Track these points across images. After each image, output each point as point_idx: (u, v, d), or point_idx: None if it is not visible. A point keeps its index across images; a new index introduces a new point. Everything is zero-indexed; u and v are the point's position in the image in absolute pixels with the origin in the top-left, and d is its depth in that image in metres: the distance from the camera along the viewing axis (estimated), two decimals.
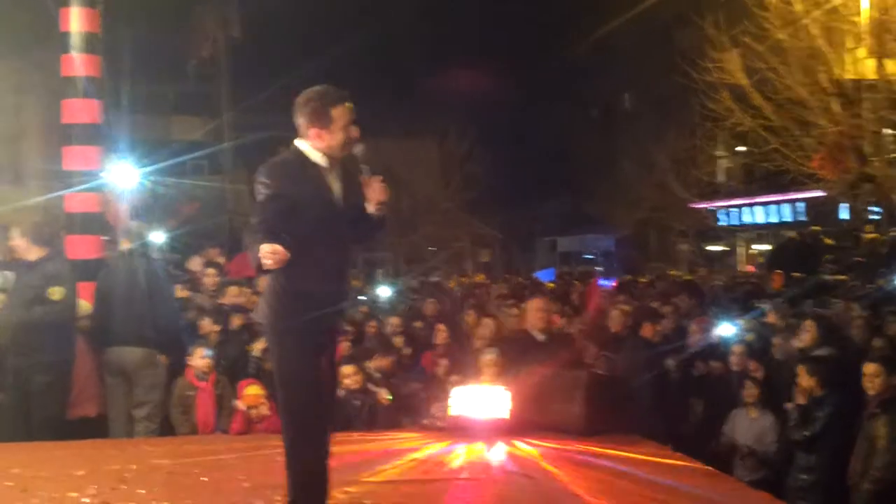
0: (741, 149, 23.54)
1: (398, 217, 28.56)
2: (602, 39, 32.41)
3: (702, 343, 8.15)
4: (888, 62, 17.25)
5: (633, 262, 31.09)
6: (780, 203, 28.00)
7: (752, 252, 31.10)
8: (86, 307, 7.17)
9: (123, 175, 9.62)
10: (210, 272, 8.82)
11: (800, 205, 26.57)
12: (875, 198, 16.86)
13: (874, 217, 17.38)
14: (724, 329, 8.19)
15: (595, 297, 10.17)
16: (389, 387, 7.37)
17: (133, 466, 5.74)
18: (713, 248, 33.01)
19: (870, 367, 6.05)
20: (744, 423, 7.07)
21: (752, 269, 23.58)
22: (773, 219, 28.89)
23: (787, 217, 27.73)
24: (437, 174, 34.97)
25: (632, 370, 7.54)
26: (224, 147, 24.75)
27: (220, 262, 9.47)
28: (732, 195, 29.51)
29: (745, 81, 18.81)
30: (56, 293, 6.56)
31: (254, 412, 6.95)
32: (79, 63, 7.64)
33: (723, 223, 30.69)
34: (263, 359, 7.13)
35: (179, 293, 8.32)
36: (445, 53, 37.73)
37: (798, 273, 12.83)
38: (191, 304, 8.34)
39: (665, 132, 28.77)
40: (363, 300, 10.50)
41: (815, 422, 6.32)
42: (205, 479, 5.51)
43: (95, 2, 7.74)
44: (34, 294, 6.58)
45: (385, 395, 7.19)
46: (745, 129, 19.57)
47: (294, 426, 4.14)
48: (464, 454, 6.24)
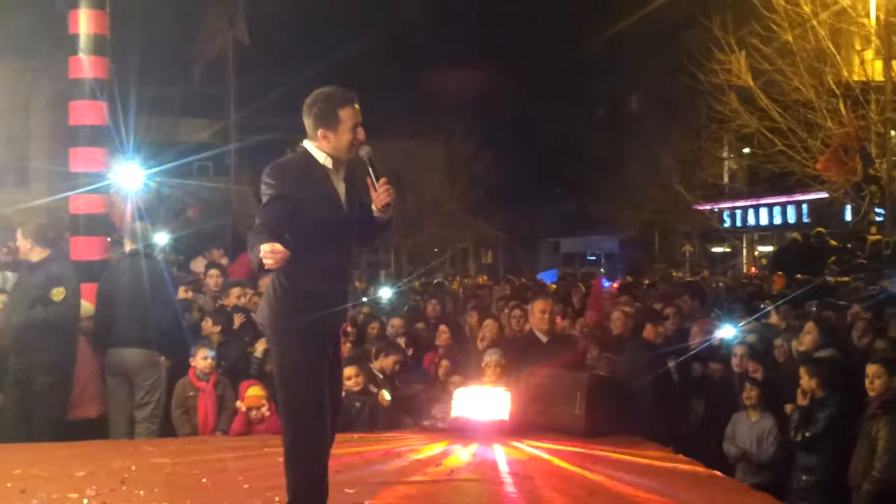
0: (746, 150, 23.49)
1: (403, 218, 28.56)
2: (609, 40, 32.44)
3: (703, 344, 8.13)
4: None
5: (638, 264, 31.03)
6: (785, 205, 27.96)
7: (757, 254, 31.05)
8: (88, 308, 7.19)
9: (129, 176, 9.61)
10: (213, 273, 8.84)
11: (804, 207, 26.53)
12: (879, 199, 16.82)
13: (878, 219, 17.33)
14: (726, 331, 8.17)
15: (597, 298, 10.14)
16: (393, 387, 7.38)
17: (133, 467, 5.75)
18: (717, 250, 32.97)
19: (871, 369, 6.04)
20: (744, 426, 7.06)
21: (755, 271, 23.51)
22: (778, 220, 28.85)
23: (792, 219, 27.68)
24: (443, 175, 34.91)
25: (633, 372, 7.52)
26: (230, 149, 24.79)
27: (223, 264, 9.49)
28: (737, 197, 29.45)
29: (752, 83, 18.80)
30: (58, 294, 6.58)
31: (254, 413, 6.96)
32: (86, 65, 7.63)
33: (727, 225, 30.63)
34: (265, 360, 7.14)
35: (182, 294, 8.34)
36: (451, 54, 37.73)
37: (802, 275, 12.77)
38: (194, 305, 8.36)
39: (671, 133, 28.73)
40: (365, 301, 10.50)
41: (817, 423, 6.31)
42: (205, 481, 5.51)
43: (104, 4, 7.76)
44: (36, 295, 6.61)
45: (385, 396, 7.19)
46: (751, 131, 19.56)
47: (294, 426, 4.14)
48: (464, 455, 6.24)
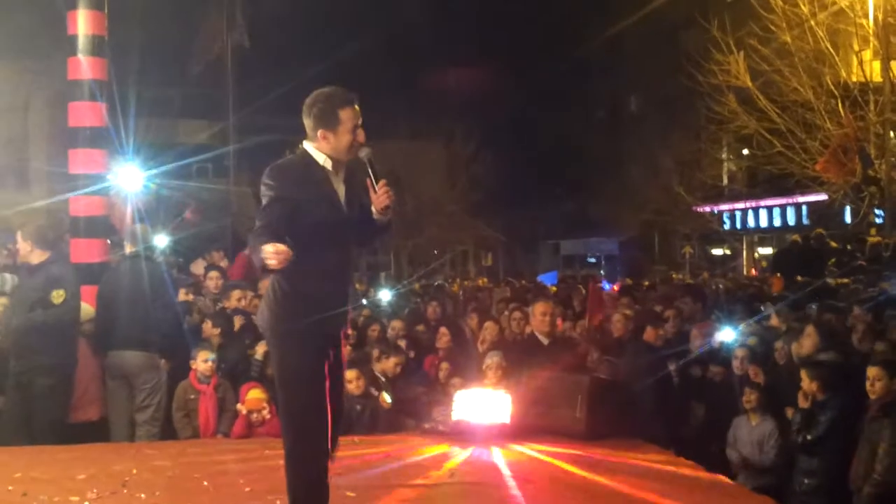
0: (746, 152, 23.50)
1: (403, 220, 28.55)
2: (608, 42, 32.45)
3: (703, 347, 8.12)
4: (894, 64, 17.23)
5: (638, 266, 31.02)
6: (785, 206, 27.97)
7: (757, 255, 31.05)
8: (89, 311, 7.19)
9: (129, 178, 9.61)
10: (213, 275, 8.83)
11: (804, 208, 26.54)
12: (879, 201, 16.82)
13: (878, 220, 17.33)
14: (726, 333, 8.16)
15: (596, 300, 10.14)
16: (395, 390, 7.37)
17: (134, 470, 5.75)
18: (717, 252, 32.97)
19: (872, 371, 6.03)
20: (745, 430, 7.06)
21: (755, 273, 23.51)
22: (778, 222, 28.85)
23: (792, 220, 27.69)
24: (443, 176, 34.88)
25: (634, 374, 7.52)
26: (229, 150, 24.76)
27: (223, 266, 9.48)
28: (737, 198, 29.44)
29: (751, 84, 18.80)
30: (58, 297, 6.57)
31: (255, 416, 6.96)
32: (85, 66, 7.61)
33: (727, 226, 30.63)
34: (265, 362, 7.14)
35: (183, 297, 8.33)
36: (451, 55, 37.76)
37: (802, 276, 12.76)
38: (194, 308, 8.35)
39: (670, 135, 28.72)
40: (365, 303, 10.49)
41: (818, 425, 6.30)
42: (206, 483, 5.51)
43: (102, 5, 7.75)
44: (36, 297, 6.60)
45: (386, 398, 7.19)
46: (750, 132, 19.56)
47: (294, 429, 4.13)
48: (465, 458, 6.24)
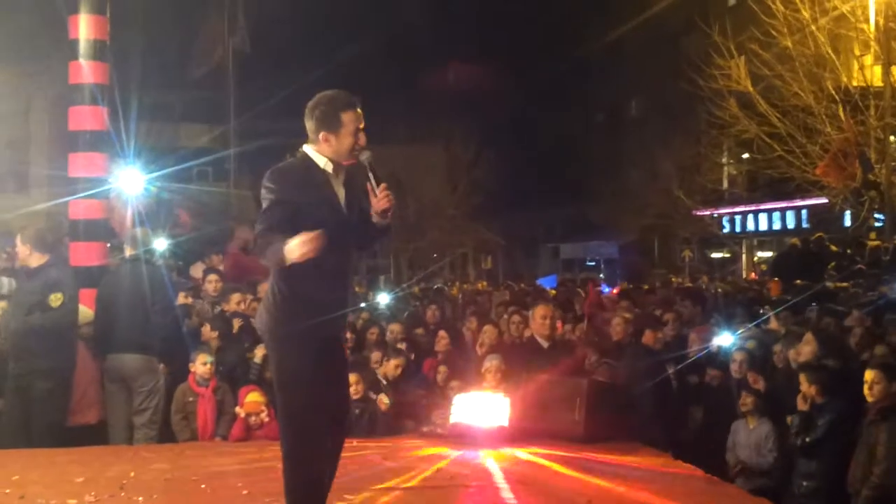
0: (746, 156, 23.50)
1: (403, 223, 28.53)
2: (609, 45, 32.46)
3: (702, 352, 8.12)
4: (895, 69, 17.25)
5: (637, 269, 30.99)
6: (785, 210, 27.95)
7: (756, 259, 31.02)
8: (88, 314, 7.19)
9: (129, 182, 9.62)
10: (211, 279, 8.83)
11: (804, 212, 26.53)
12: (879, 205, 16.82)
13: (878, 224, 17.32)
14: (725, 338, 8.16)
15: (594, 300, 10.16)
16: (396, 392, 7.38)
17: (132, 473, 5.76)
18: (717, 255, 32.94)
19: (870, 375, 6.02)
20: (743, 434, 7.06)
21: (755, 277, 23.49)
22: (777, 226, 28.83)
23: (791, 224, 27.66)
24: (443, 180, 34.86)
25: (633, 377, 7.52)
26: (229, 154, 24.80)
27: (222, 269, 9.48)
28: (737, 202, 29.42)
29: (751, 88, 18.82)
30: (56, 300, 6.58)
31: (253, 419, 6.96)
32: (87, 70, 7.63)
33: (727, 230, 30.61)
34: (264, 366, 7.14)
35: (182, 300, 8.34)
36: (451, 58, 37.78)
37: (802, 280, 12.75)
38: (193, 311, 8.35)
39: (671, 139, 28.71)
40: (364, 307, 10.49)
41: (817, 428, 6.30)
42: (204, 486, 5.52)
43: (104, 9, 7.76)
44: (34, 301, 6.61)
45: (384, 400, 7.20)
46: (751, 137, 19.56)
47: (292, 431, 4.13)
48: (464, 461, 6.25)
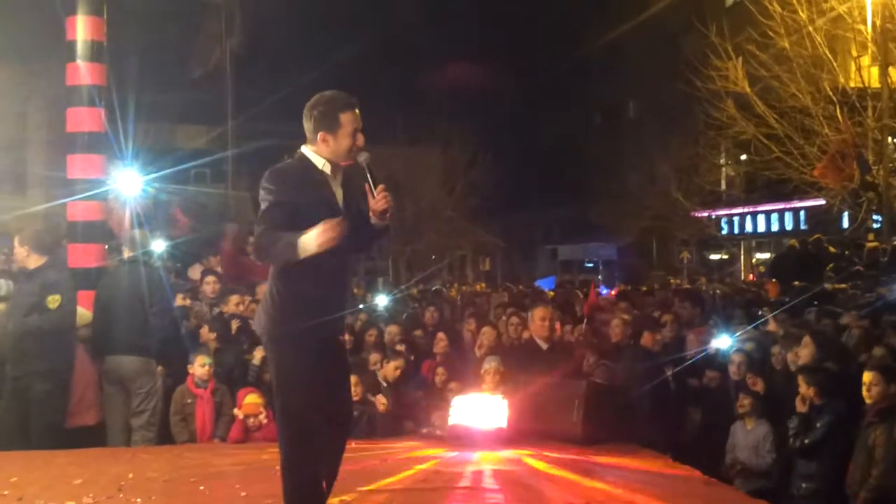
0: (744, 157, 23.51)
1: (401, 225, 28.52)
2: (606, 46, 32.48)
3: (700, 354, 8.12)
4: (893, 70, 17.27)
5: (636, 271, 31.01)
6: (783, 212, 27.95)
7: (754, 261, 31.04)
8: (86, 315, 7.19)
9: (127, 183, 9.62)
10: (209, 280, 8.81)
11: (802, 213, 26.53)
12: (877, 206, 16.83)
13: (876, 226, 17.32)
14: (723, 340, 8.16)
15: (593, 299, 10.16)
16: (396, 394, 7.37)
17: (130, 475, 5.76)
18: (715, 257, 32.94)
19: (868, 376, 6.02)
20: (741, 435, 7.07)
21: (753, 278, 23.51)
22: (775, 227, 28.84)
23: (789, 226, 27.67)
24: (441, 181, 34.87)
25: (631, 379, 7.52)
26: (227, 155, 24.79)
27: (220, 271, 9.46)
28: (735, 204, 29.43)
29: (749, 90, 18.83)
30: (53, 302, 6.57)
31: (252, 421, 6.96)
32: (84, 72, 7.61)
33: (725, 232, 30.62)
34: (262, 367, 7.14)
35: (180, 301, 8.33)
36: (449, 60, 37.82)
37: (800, 282, 12.76)
38: (190, 313, 8.34)
39: (669, 140, 28.73)
40: (362, 308, 10.49)
41: (816, 430, 6.30)
42: (202, 488, 5.51)
43: (101, 11, 7.75)
44: (32, 302, 6.61)
45: (382, 401, 7.20)
46: (748, 138, 19.57)
47: (290, 432, 4.12)
48: (462, 463, 6.24)
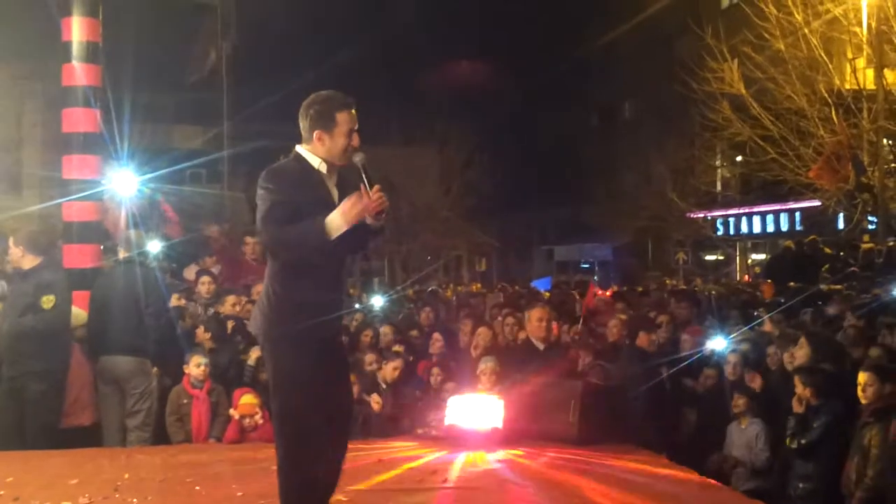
0: (739, 158, 23.56)
1: (397, 225, 28.52)
2: (602, 48, 32.52)
3: (696, 355, 8.13)
4: (888, 72, 17.31)
5: (631, 272, 31.04)
6: (778, 213, 27.99)
7: (750, 262, 31.09)
8: (81, 316, 7.17)
9: (123, 183, 9.60)
10: (204, 280, 8.79)
11: (797, 215, 26.57)
12: (872, 208, 16.87)
13: (871, 227, 17.36)
14: (718, 341, 8.17)
15: (590, 298, 10.16)
16: (395, 394, 7.37)
17: (126, 475, 5.75)
18: (710, 258, 32.97)
19: (863, 377, 6.04)
20: (736, 434, 7.08)
21: (748, 279, 23.55)
22: (771, 228, 28.89)
23: (785, 227, 27.72)
24: (437, 182, 34.87)
25: (627, 379, 7.53)
26: (223, 156, 24.80)
27: (215, 271, 9.44)
28: (730, 205, 29.47)
29: (744, 91, 18.86)
30: (48, 302, 6.56)
31: (248, 421, 6.96)
32: (80, 72, 7.60)
33: (720, 233, 30.65)
34: (258, 368, 7.13)
35: (175, 302, 8.31)
36: (445, 61, 37.86)
37: (796, 282, 12.78)
38: (186, 313, 8.32)
39: (664, 141, 28.77)
40: (358, 308, 10.48)
41: (812, 430, 6.32)
42: (198, 488, 5.51)
43: (96, 12, 7.75)
44: (27, 303, 6.60)
45: (377, 400, 7.20)
46: (744, 139, 19.61)
47: (287, 433, 4.12)
48: (457, 463, 6.24)
